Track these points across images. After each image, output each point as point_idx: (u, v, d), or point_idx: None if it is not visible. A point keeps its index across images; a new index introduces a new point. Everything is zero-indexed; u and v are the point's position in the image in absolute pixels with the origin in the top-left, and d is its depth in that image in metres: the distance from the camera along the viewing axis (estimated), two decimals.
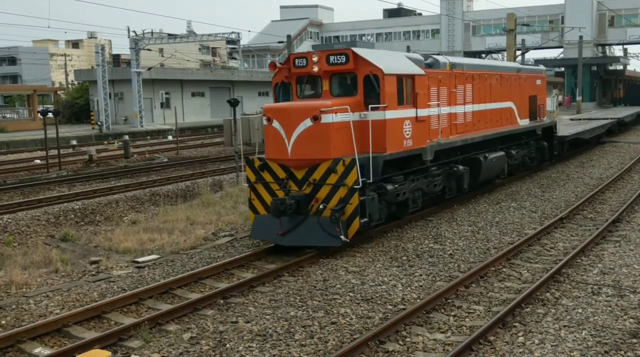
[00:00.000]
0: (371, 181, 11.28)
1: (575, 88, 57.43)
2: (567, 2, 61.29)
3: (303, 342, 7.53)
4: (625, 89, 70.01)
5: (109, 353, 6.10)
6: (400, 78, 12.38)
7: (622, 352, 7.07)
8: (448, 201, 15.37)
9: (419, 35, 72.21)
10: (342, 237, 10.87)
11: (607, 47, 66.88)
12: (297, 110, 11.38)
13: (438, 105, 14.29)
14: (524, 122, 20.16)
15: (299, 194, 11.38)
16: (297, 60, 12.35)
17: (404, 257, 11.21)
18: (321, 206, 11.13)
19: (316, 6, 76.78)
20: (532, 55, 73.20)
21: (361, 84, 11.90)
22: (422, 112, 13.25)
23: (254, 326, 8.07)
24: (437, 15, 67.95)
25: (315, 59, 12.05)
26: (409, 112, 12.73)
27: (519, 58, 49.08)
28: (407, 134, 12.64)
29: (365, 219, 11.21)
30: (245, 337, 7.71)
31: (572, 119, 35.85)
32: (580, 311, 8.36)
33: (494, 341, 7.45)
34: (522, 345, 7.33)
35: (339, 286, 9.67)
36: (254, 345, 7.48)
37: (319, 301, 8.99)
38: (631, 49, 72.44)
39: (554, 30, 62.89)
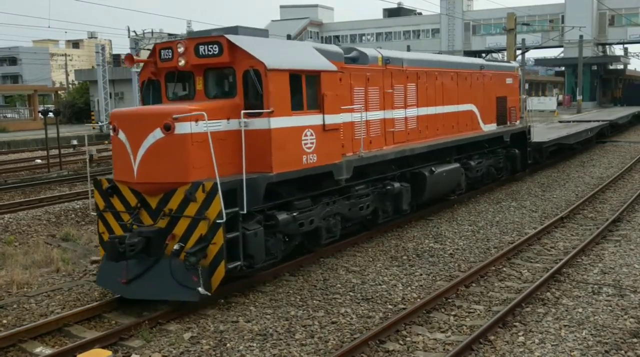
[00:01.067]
0: (245, 211, 8.58)
1: (575, 87, 57.46)
2: (567, 2, 61.28)
3: (303, 342, 7.54)
4: (623, 89, 68.73)
5: (110, 353, 6.10)
6: (295, 75, 9.57)
7: (623, 351, 7.07)
8: (382, 225, 12.89)
9: (419, 34, 72.21)
10: (201, 289, 8.19)
11: (607, 46, 66.86)
12: (143, 117, 8.75)
13: (364, 109, 11.84)
14: (489, 128, 17.46)
15: (150, 228, 8.68)
16: (162, 52, 9.65)
17: (404, 257, 11.22)
18: (177, 247, 8.41)
19: (316, 6, 76.77)
20: (532, 54, 73.34)
21: (240, 82, 9.24)
22: (333, 119, 10.36)
23: (255, 325, 8.08)
24: (437, 15, 67.93)
25: (180, 49, 9.35)
26: (312, 119, 9.88)
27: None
28: (309, 147, 9.83)
29: (238, 263, 8.62)
30: (245, 337, 7.72)
31: (560, 122, 34.43)
32: (580, 310, 8.36)
33: (494, 341, 7.45)
34: (523, 344, 7.33)
35: (339, 285, 9.68)
36: (255, 344, 7.48)
37: (320, 301, 9.00)
38: (631, 48, 72.45)
39: (554, 29, 62.85)
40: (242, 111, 8.90)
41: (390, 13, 77.21)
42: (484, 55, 72.15)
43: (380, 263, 10.85)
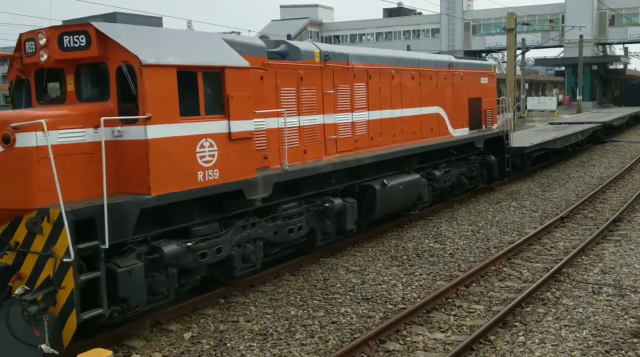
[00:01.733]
0: (106, 245, 6.92)
1: (575, 87, 57.46)
2: (567, 1, 61.27)
3: (303, 342, 7.54)
4: (620, 89, 66.24)
5: (110, 352, 6.08)
6: (187, 72, 7.83)
7: (623, 351, 7.07)
8: (321, 249, 11.14)
9: (419, 34, 72.18)
10: (45, 346, 6.53)
11: (607, 46, 66.84)
12: None
13: (296, 113, 10.24)
14: (460, 132, 15.72)
15: None
16: (27, 44, 8.01)
17: (404, 257, 11.22)
18: (20, 290, 6.72)
19: (316, 6, 76.74)
20: (532, 54, 73.24)
21: (114, 81, 7.56)
22: (244, 126, 8.52)
23: (255, 325, 8.08)
24: (437, 15, 67.91)
25: (42, 41, 7.72)
26: (212, 127, 8.09)
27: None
28: (208, 161, 8.05)
29: (100, 311, 6.94)
30: (245, 337, 7.72)
31: (552, 124, 32.88)
32: (580, 310, 8.36)
33: (495, 341, 7.45)
34: (523, 344, 7.33)
35: (339, 285, 9.68)
36: (255, 344, 7.49)
37: (320, 300, 9.00)
38: (632, 48, 72.43)
39: (554, 29, 62.83)
40: (103, 118, 7.10)
41: (390, 13, 77.18)
42: (484, 55, 72.28)
43: (380, 263, 10.85)
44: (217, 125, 8.22)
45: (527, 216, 14.50)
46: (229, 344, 7.51)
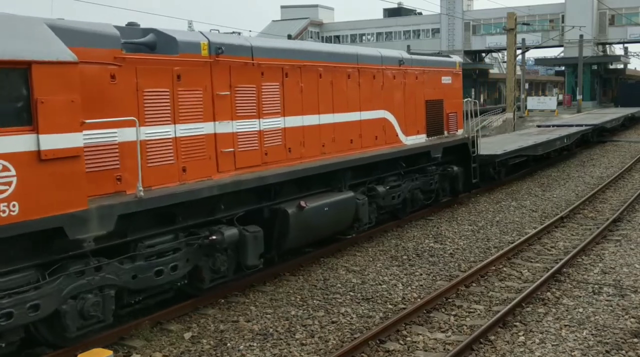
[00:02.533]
0: None
1: (575, 87, 57.44)
2: (567, 1, 61.24)
3: (304, 342, 7.54)
4: (616, 88, 63.03)
5: (111, 352, 6.09)
6: None
7: (624, 351, 7.07)
8: (211, 290, 8.97)
9: (419, 34, 72.16)
10: None
11: (607, 46, 66.84)
12: None
13: (171, 121, 8.15)
14: (415, 140, 13.67)
15: None
16: None
17: (405, 257, 11.22)
18: None
19: (316, 6, 76.71)
20: (532, 54, 73.25)
21: None
22: (63, 141, 6.43)
23: (255, 325, 8.08)
24: (437, 15, 67.90)
25: None
26: (6, 144, 6.03)
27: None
28: None
29: None
30: (246, 337, 7.72)
31: (539, 126, 31.64)
32: (581, 310, 8.36)
33: (495, 341, 7.45)
34: (523, 344, 7.33)
35: (339, 285, 9.68)
36: (255, 344, 7.49)
37: (320, 300, 9.00)
38: (632, 47, 72.38)
39: (554, 29, 62.83)
40: None
41: (390, 13, 77.16)
42: (483, 55, 72.28)
43: (380, 263, 10.85)
44: (15, 142, 6.04)
45: (527, 216, 14.50)
46: (229, 344, 7.51)
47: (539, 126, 31.74)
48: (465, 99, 16.13)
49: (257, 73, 9.52)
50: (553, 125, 30.37)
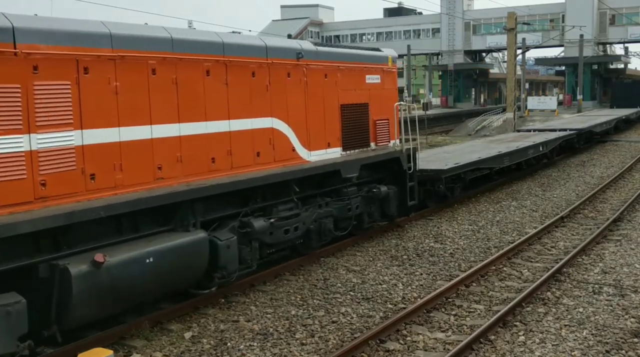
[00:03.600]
0: None
1: (576, 87, 57.43)
2: (567, 1, 61.23)
3: (304, 341, 7.55)
4: (612, 88, 58.92)
5: (111, 352, 6.09)
6: None
7: (624, 351, 7.07)
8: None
9: (419, 34, 72.14)
10: None
11: (608, 45, 66.84)
12: None
13: None
14: (324, 155, 10.96)
15: None
16: None
17: (405, 256, 11.22)
18: None
19: (317, 5, 76.71)
20: (532, 54, 73.24)
21: None
22: None
23: (255, 324, 8.09)
24: (438, 14, 67.88)
25: None
26: None
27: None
28: None
29: None
30: (246, 336, 7.73)
31: (519, 131, 29.16)
32: (581, 310, 8.36)
33: (495, 340, 7.45)
34: (523, 344, 7.34)
35: (339, 285, 9.68)
36: (255, 344, 7.49)
37: (320, 300, 9.00)
38: (632, 47, 72.45)
39: (555, 29, 62.83)
40: None
41: (390, 12, 77.15)
42: (484, 54, 72.14)
43: (380, 262, 10.85)
44: None
45: (527, 216, 14.50)
46: (229, 344, 7.52)
47: (518, 131, 29.05)
48: (397, 103, 12.94)
49: (23, 67, 6.61)
50: (534, 130, 27.91)
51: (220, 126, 8.96)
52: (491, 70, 78.92)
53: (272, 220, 9.56)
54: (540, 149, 21.08)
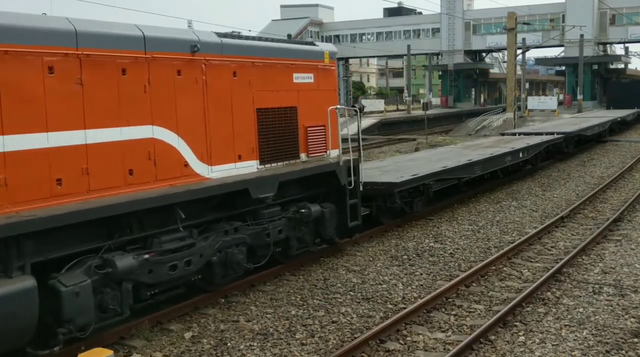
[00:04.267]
0: None
1: (576, 87, 57.43)
2: (567, 1, 61.26)
3: (304, 341, 7.55)
4: (609, 89, 56.58)
5: (111, 352, 6.09)
6: None
7: (624, 351, 7.07)
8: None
9: (419, 34, 72.15)
10: None
11: (608, 45, 66.87)
12: None
13: None
14: (233, 170, 9.07)
15: None
16: None
17: (405, 256, 11.22)
18: None
19: (316, 5, 76.73)
20: (532, 54, 73.32)
21: None
22: None
23: (255, 324, 8.09)
24: (438, 14, 67.90)
25: None
26: None
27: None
28: None
29: None
30: (246, 336, 7.73)
31: (503, 134, 27.20)
32: (581, 310, 8.36)
33: (495, 340, 7.45)
34: (523, 344, 7.33)
35: (339, 285, 9.68)
36: (255, 344, 7.49)
37: (320, 300, 9.00)
38: (632, 47, 72.55)
39: (555, 28, 62.84)
40: None
41: (390, 12, 77.18)
42: (484, 54, 72.13)
43: (380, 262, 10.85)
44: None
45: (527, 216, 14.50)
46: (229, 344, 7.52)
47: (502, 134, 26.98)
48: (331, 107, 10.75)
49: None
50: (519, 133, 26.19)
51: (69, 137, 6.98)
52: (491, 70, 78.96)
53: (146, 255, 7.62)
54: (520, 155, 19.21)
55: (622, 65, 69.58)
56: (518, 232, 12.94)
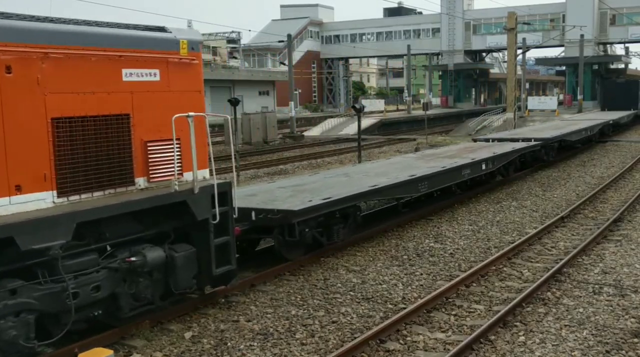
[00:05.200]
0: None
1: (576, 87, 57.42)
2: (568, 1, 61.27)
3: (304, 341, 7.55)
4: (603, 89, 53.39)
5: (111, 352, 6.09)
6: None
7: (624, 351, 7.07)
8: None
9: (419, 34, 72.17)
10: None
11: (608, 45, 66.89)
12: None
13: None
14: (10, 206, 6.33)
15: None
16: None
17: (405, 256, 11.22)
18: None
19: (316, 5, 76.80)
20: (533, 54, 73.34)
21: None
22: None
23: (255, 324, 8.09)
24: (438, 14, 67.92)
25: None
26: None
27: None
28: None
29: None
30: (246, 336, 7.73)
31: (475, 141, 23.74)
32: (581, 310, 8.36)
33: (495, 341, 7.45)
34: (523, 344, 7.33)
35: (339, 285, 9.68)
36: (255, 344, 7.49)
37: (320, 300, 9.00)
38: (633, 47, 72.61)
39: (555, 28, 62.84)
40: None
41: (390, 12, 77.23)
42: (484, 54, 72.09)
43: (380, 263, 10.85)
44: None
45: (527, 216, 14.50)
46: (229, 344, 7.52)
47: (475, 140, 23.83)
48: (197, 114, 7.95)
49: None
50: (493, 139, 23.08)
51: None
52: (491, 70, 78.98)
53: None
54: (483, 167, 16.42)
55: (623, 65, 69.57)
56: (518, 232, 12.94)
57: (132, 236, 7.60)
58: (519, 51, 45.88)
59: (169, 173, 7.91)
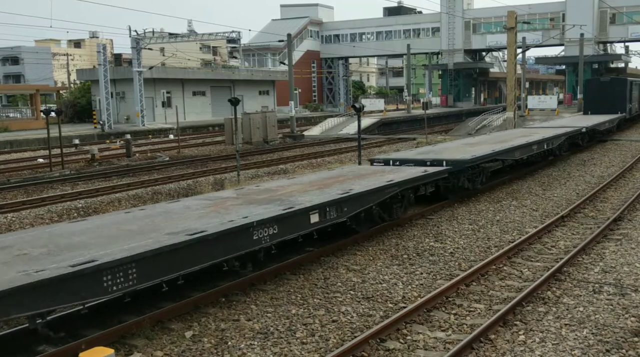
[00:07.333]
0: None
1: (576, 86, 57.39)
2: (568, 0, 61.24)
3: (304, 340, 7.56)
4: (585, 88, 43.24)
5: (112, 351, 6.11)
6: None
7: (624, 351, 7.08)
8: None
9: (419, 33, 72.14)
10: None
11: (608, 44, 66.85)
12: None
13: None
14: None
15: None
16: None
17: (405, 256, 11.23)
18: None
19: (316, 5, 76.77)
20: (533, 53, 73.32)
21: None
22: None
23: (256, 323, 8.10)
24: (438, 13, 67.89)
25: None
26: None
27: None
28: None
29: None
30: (246, 335, 7.74)
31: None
32: (581, 309, 8.37)
33: (495, 340, 7.46)
34: (523, 343, 7.35)
35: (339, 284, 9.69)
36: (256, 343, 7.50)
37: (320, 299, 9.02)
38: (633, 46, 72.59)
39: (555, 27, 62.81)
40: None
41: (390, 12, 77.19)
42: (484, 54, 72.11)
43: (380, 262, 10.86)
44: None
45: (527, 215, 14.50)
46: (230, 343, 7.53)
47: (372, 163, 16.82)
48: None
49: None
50: (395, 160, 16.15)
51: None
52: (491, 70, 78.90)
53: None
54: (394, 194, 12.17)
55: (622, 64, 69.55)
56: (518, 231, 12.95)
57: None
58: (519, 50, 45.84)
59: None
